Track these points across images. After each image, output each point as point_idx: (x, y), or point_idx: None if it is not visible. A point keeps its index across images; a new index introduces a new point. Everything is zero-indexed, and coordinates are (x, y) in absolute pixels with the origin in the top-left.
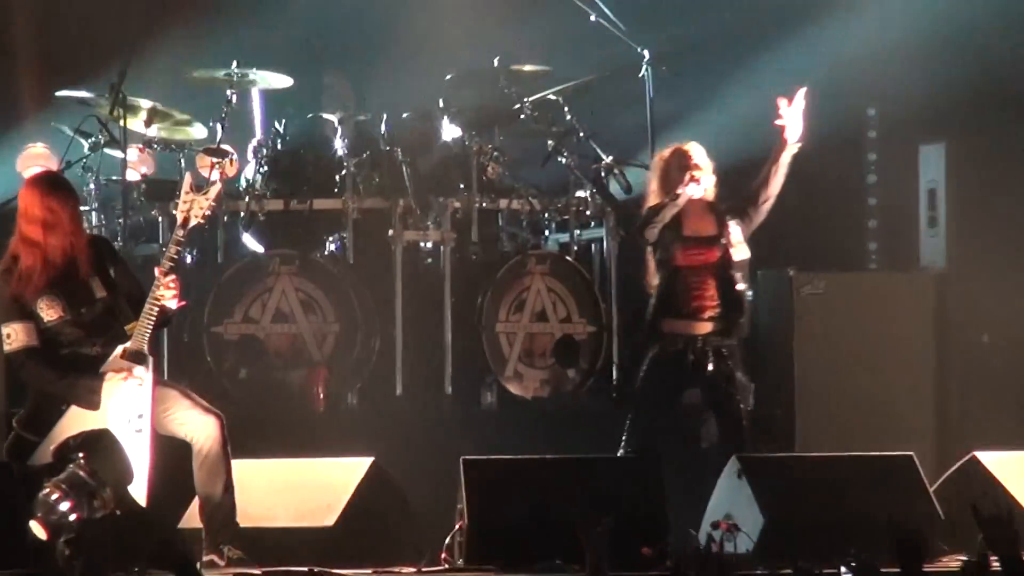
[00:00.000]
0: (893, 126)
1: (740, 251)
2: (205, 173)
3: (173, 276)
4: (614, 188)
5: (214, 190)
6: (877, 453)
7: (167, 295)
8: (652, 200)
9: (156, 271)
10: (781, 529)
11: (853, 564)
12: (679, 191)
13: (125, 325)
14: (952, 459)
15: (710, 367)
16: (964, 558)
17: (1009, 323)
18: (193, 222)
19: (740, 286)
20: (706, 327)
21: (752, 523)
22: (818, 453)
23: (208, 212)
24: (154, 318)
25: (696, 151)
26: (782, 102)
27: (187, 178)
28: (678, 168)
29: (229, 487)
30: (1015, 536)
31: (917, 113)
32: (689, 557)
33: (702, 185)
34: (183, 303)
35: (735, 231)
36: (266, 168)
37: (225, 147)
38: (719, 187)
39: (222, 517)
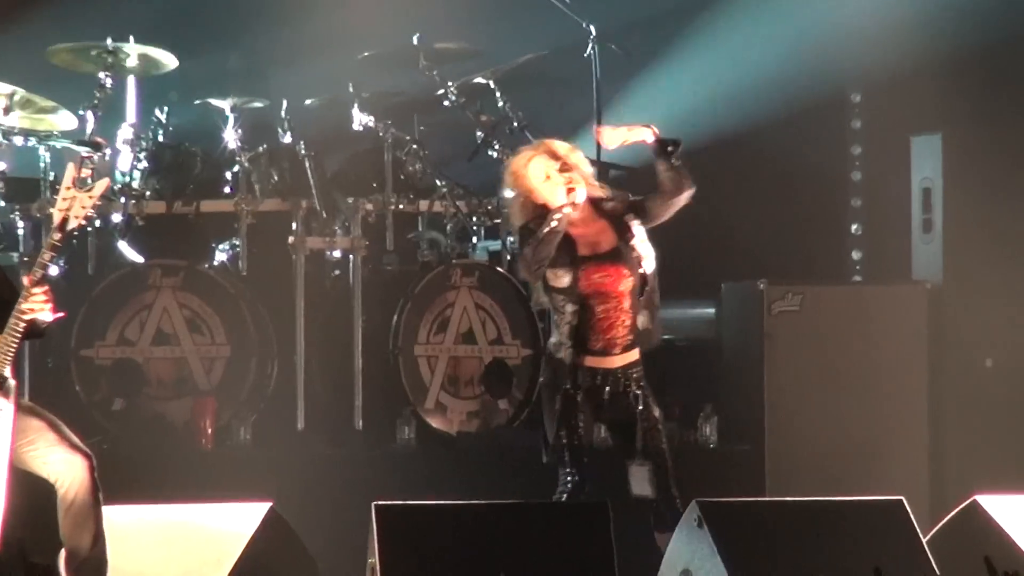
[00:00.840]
0: (881, 115)
1: (648, 257)
2: (74, 171)
3: (45, 286)
4: None
5: (100, 186)
6: (861, 498)
7: (37, 307)
8: (517, 222)
9: (24, 280)
10: None
11: None
12: (555, 216)
13: None
14: (949, 504)
15: (637, 406)
16: None
17: (1015, 345)
18: (73, 223)
19: (645, 311)
20: (626, 358)
21: None
22: (792, 497)
23: (91, 212)
24: (19, 335)
25: (562, 148)
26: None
27: (70, 170)
28: (543, 177)
29: (99, 539)
30: None
31: (909, 99)
32: None
33: (579, 194)
34: (59, 315)
35: (638, 233)
36: (145, 164)
37: (98, 139)
38: (605, 180)
39: (90, 574)
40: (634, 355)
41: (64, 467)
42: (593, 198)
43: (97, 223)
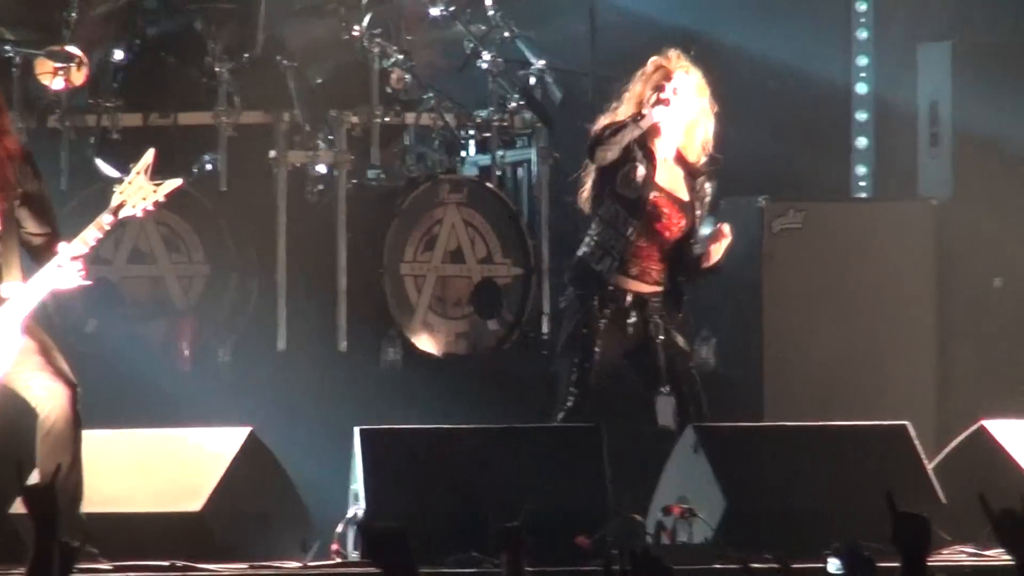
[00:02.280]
0: (888, 23)
1: (699, 240)
2: (47, 81)
3: (82, 262)
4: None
5: (170, 185)
6: (863, 423)
7: (67, 278)
8: (615, 117)
9: (58, 246)
10: (746, 514)
11: (843, 554)
12: (643, 111)
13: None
14: (956, 430)
15: (658, 335)
16: (969, 549)
17: None
18: (128, 212)
19: (684, 264)
20: (654, 289)
21: (711, 507)
22: (791, 422)
23: (151, 208)
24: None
25: (681, 71)
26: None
27: (148, 157)
28: (654, 86)
29: (76, 466)
30: None
31: (919, 7)
32: (624, 553)
33: (674, 112)
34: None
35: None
36: (121, 74)
37: (71, 48)
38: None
39: (65, 502)
40: (660, 289)
41: (45, 394)
42: (685, 159)
43: (72, 137)
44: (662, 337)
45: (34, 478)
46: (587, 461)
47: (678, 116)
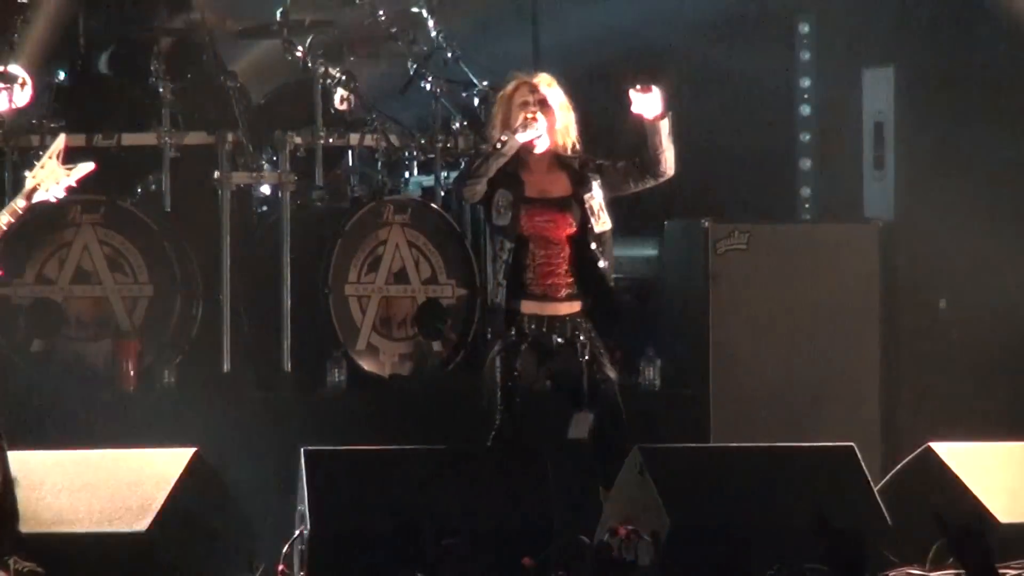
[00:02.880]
0: (831, 45)
1: (602, 221)
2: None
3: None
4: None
5: (83, 168)
6: (810, 444)
7: None
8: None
9: None
10: (690, 535)
11: None
12: (501, 138)
13: None
14: (902, 451)
15: (583, 356)
16: (916, 571)
17: (970, 286)
18: (41, 196)
19: (602, 264)
20: (571, 307)
21: (656, 528)
22: (737, 443)
23: (64, 195)
24: None
25: (544, 84)
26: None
27: (60, 141)
28: (519, 106)
29: (8, 485)
30: (989, 549)
31: (860, 29)
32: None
33: (541, 129)
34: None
35: (596, 194)
36: (64, 95)
37: (14, 69)
38: (586, 137)
39: (2, 520)
40: (579, 304)
41: None
42: (558, 152)
43: (14, 156)
44: (587, 358)
45: None
46: (532, 482)
47: (545, 129)
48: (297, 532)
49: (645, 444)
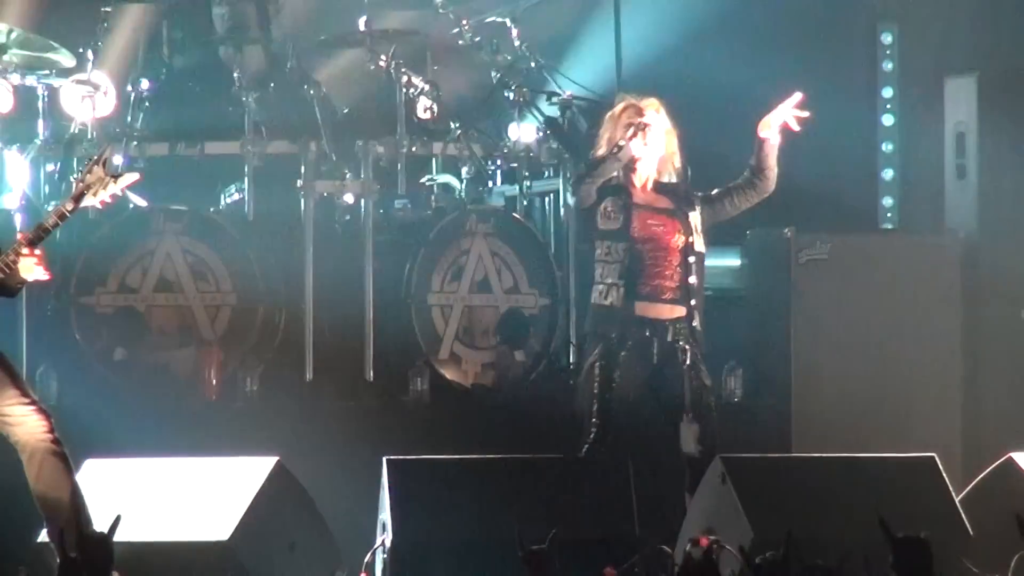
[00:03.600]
0: (914, 55)
1: (700, 242)
2: (71, 110)
3: (40, 250)
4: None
5: (128, 178)
6: (891, 455)
7: (26, 269)
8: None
9: (18, 236)
10: (774, 545)
11: None
12: (620, 143)
13: None
14: (984, 462)
15: (685, 360)
16: None
17: None
18: (89, 201)
19: (692, 280)
20: (674, 311)
21: (739, 538)
22: (819, 454)
23: (109, 201)
24: None
25: (651, 109)
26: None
27: (107, 150)
28: (627, 125)
29: (77, 492)
30: None
31: (943, 38)
32: None
33: (651, 144)
34: (47, 276)
35: (697, 215)
36: (148, 104)
37: (98, 77)
38: (688, 167)
39: (81, 527)
40: (683, 311)
41: (24, 427)
42: (660, 178)
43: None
44: (688, 364)
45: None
46: (615, 492)
47: (653, 147)
48: (379, 541)
49: (727, 454)
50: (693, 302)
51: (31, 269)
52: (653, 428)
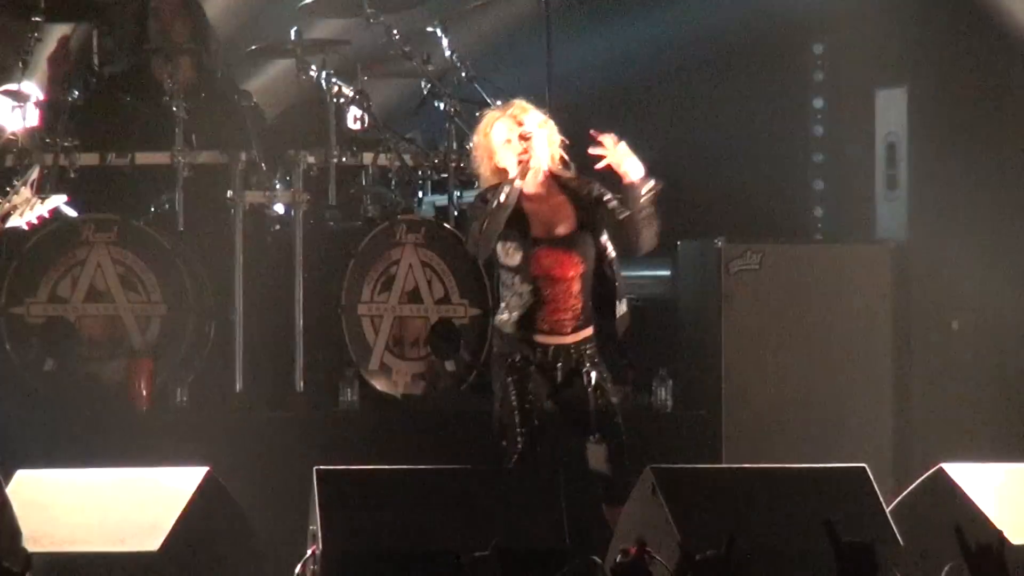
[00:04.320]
0: (844, 65)
1: (606, 249)
2: (2, 120)
3: None
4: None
5: (55, 200)
6: (822, 465)
7: None
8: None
9: None
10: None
11: None
12: (503, 190)
13: None
14: (914, 472)
15: (589, 383)
16: None
17: (983, 306)
18: (14, 223)
19: (600, 292)
20: (578, 336)
21: (669, 548)
22: (750, 464)
23: (36, 222)
24: None
25: (520, 113)
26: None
27: (35, 171)
28: (504, 145)
29: (5, 504)
30: (1006, 569)
31: (874, 50)
32: None
33: (536, 162)
34: None
35: (596, 229)
36: (77, 114)
37: (27, 88)
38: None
39: (4, 541)
40: (587, 332)
41: None
42: (555, 172)
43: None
44: (592, 385)
45: None
46: (544, 503)
47: (540, 155)
48: (309, 552)
49: (657, 464)
50: (602, 315)
51: None
52: (567, 440)
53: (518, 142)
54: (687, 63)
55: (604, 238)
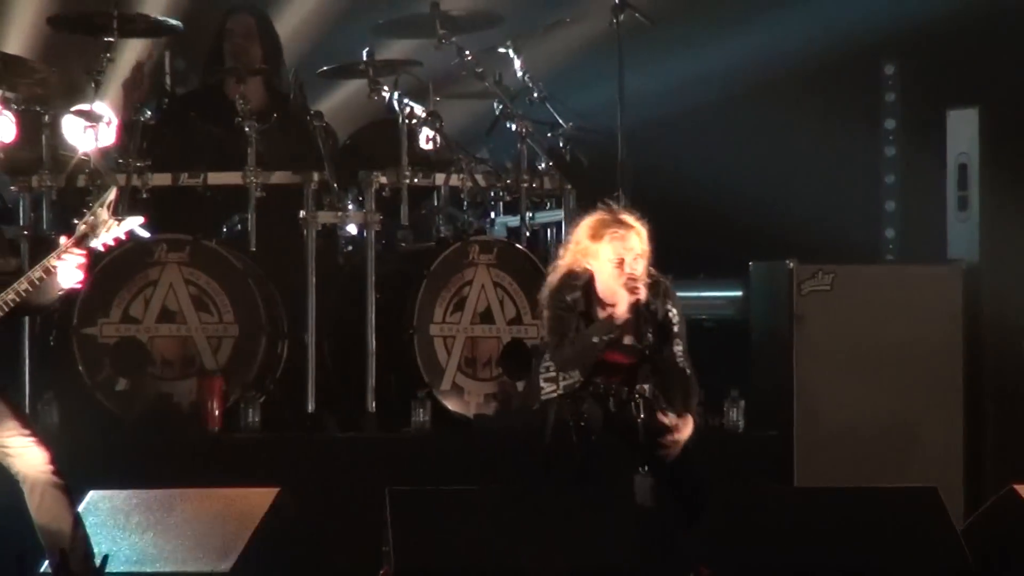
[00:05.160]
0: (916, 87)
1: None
2: (73, 140)
3: (84, 251)
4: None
5: (132, 222)
6: (893, 486)
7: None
8: (561, 268)
9: (62, 239)
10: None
11: None
12: (605, 335)
13: None
14: (986, 494)
15: (639, 415)
16: None
17: None
18: (92, 243)
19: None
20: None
21: (740, 570)
22: (821, 485)
23: (112, 244)
24: (17, 301)
25: (640, 239)
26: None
27: (112, 192)
28: (616, 261)
29: (79, 525)
30: None
31: (945, 71)
32: None
33: (639, 296)
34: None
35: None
36: (150, 134)
37: (99, 108)
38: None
39: (77, 564)
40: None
41: (27, 457)
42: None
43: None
44: (643, 416)
45: None
46: (617, 522)
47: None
48: (381, 572)
49: (729, 484)
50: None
51: (72, 274)
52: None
53: (629, 264)
54: (759, 85)
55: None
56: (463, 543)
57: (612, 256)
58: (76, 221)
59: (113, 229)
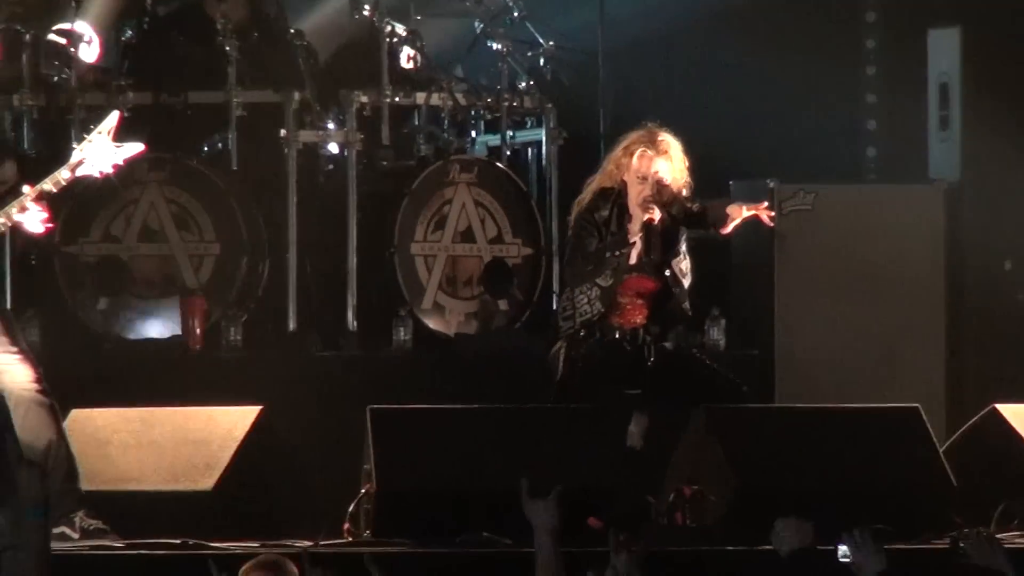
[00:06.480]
0: (897, 6)
1: (687, 276)
2: (55, 59)
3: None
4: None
5: (132, 149)
6: (875, 405)
7: (30, 217)
8: (595, 183)
9: (25, 187)
10: (757, 496)
11: (858, 537)
12: (620, 249)
13: None
14: (967, 413)
15: (651, 358)
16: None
17: None
18: (86, 171)
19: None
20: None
21: (722, 489)
22: (803, 404)
23: (110, 172)
24: None
25: (662, 164)
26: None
27: (114, 119)
28: (641, 174)
29: (63, 442)
30: None
31: None
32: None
33: (654, 219)
34: (49, 227)
35: (684, 250)
36: (130, 53)
37: (81, 27)
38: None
39: (59, 481)
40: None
41: (10, 376)
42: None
43: (82, 115)
44: (653, 360)
45: None
46: (598, 442)
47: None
48: (363, 490)
49: (711, 404)
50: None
51: (35, 226)
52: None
53: (649, 187)
54: (739, 4)
55: (683, 267)
56: (444, 462)
57: (638, 171)
58: (75, 146)
59: (111, 156)
